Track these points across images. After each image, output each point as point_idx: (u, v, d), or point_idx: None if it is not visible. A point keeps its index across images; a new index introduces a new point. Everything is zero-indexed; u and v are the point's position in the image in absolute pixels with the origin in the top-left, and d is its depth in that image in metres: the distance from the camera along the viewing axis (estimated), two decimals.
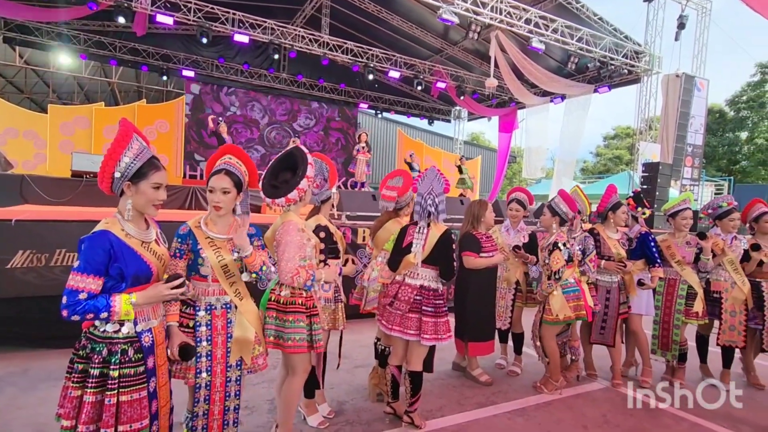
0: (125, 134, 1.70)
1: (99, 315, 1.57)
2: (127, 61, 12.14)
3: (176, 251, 1.96)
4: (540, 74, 10.84)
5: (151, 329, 1.73)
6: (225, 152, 2.12)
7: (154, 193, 1.73)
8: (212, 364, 1.99)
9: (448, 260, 2.75)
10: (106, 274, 1.62)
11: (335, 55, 11.33)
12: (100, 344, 1.63)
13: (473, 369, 3.61)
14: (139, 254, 1.69)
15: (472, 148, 20.30)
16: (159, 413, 1.75)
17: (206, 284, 2.00)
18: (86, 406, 1.58)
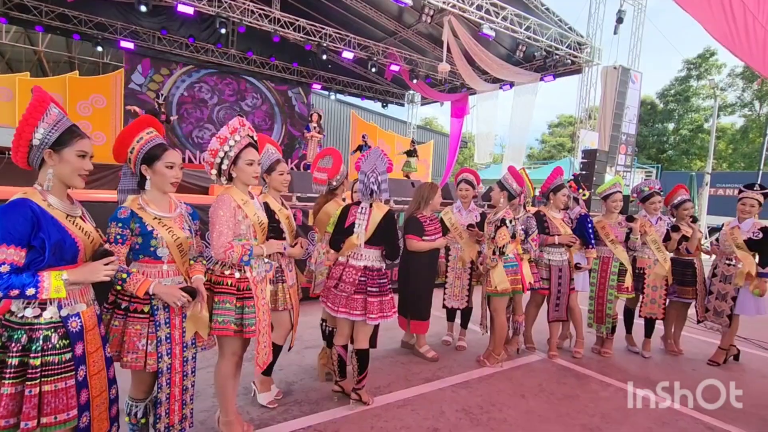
0: (41, 100, 1.58)
1: (25, 291, 1.45)
2: (56, 28, 11.06)
3: (117, 237, 1.83)
4: (490, 61, 11.09)
5: (79, 314, 1.63)
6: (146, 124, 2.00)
7: (79, 162, 1.62)
8: (172, 347, 1.93)
9: (392, 240, 2.80)
10: (28, 246, 1.50)
11: (287, 32, 10.96)
12: (19, 331, 1.52)
13: (421, 346, 3.73)
14: (64, 227, 1.58)
15: (426, 133, 20.53)
16: (91, 403, 1.65)
17: (160, 266, 1.92)
18: (4, 399, 1.47)
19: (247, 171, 2.19)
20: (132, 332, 1.86)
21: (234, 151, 2.15)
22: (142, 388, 2.01)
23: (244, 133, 2.17)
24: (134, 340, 1.85)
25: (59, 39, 13.46)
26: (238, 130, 2.16)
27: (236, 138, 2.16)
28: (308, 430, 2.54)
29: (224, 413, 2.32)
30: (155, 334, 1.88)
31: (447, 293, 4.01)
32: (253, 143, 2.22)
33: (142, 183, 1.97)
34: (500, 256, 3.39)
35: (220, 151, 2.16)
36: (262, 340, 2.22)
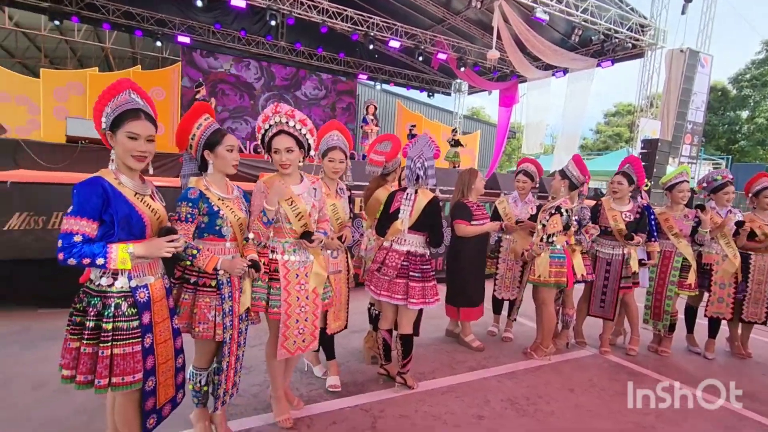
0: (114, 85, 1.70)
1: (95, 260, 1.56)
2: (121, 25, 11.76)
3: (187, 216, 1.95)
4: (543, 47, 10.63)
5: (147, 285, 1.74)
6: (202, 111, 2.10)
7: (130, 143, 1.69)
8: (233, 319, 2.05)
9: (436, 227, 2.78)
10: (100, 220, 1.63)
11: (334, 22, 11.04)
12: (95, 298, 1.65)
13: (466, 335, 3.70)
14: (132, 203, 1.69)
15: (472, 123, 20.10)
16: (157, 370, 1.77)
17: (223, 244, 2.03)
18: (83, 357, 1.62)
19: (274, 159, 2.22)
20: (202, 304, 1.99)
21: (266, 139, 2.21)
22: (206, 358, 2.14)
23: (273, 121, 2.18)
24: (205, 312, 1.99)
25: (123, 36, 14.31)
26: (269, 118, 2.19)
27: (265, 126, 2.20)
28: (355, 409, 2.59)
29: (272, 388, 2.42)
30: (221, 306, 2.00)
31: (497, 284, 3.94)
32: (287, 131, 2.18)
33: (203, 167, 2.08)
34: (547, 245, 3.28)
35: (258, 139, 2.25)
36: (292, 325, 2.25)
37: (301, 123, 2.20)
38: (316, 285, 2.31)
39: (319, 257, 2.35)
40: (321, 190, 2.40)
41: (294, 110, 2.21)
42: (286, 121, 2.17)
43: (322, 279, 2.34)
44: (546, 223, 3.30)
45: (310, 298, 2.30)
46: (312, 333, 2.33)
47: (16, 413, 2.35)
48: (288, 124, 2.17)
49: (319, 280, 2.32)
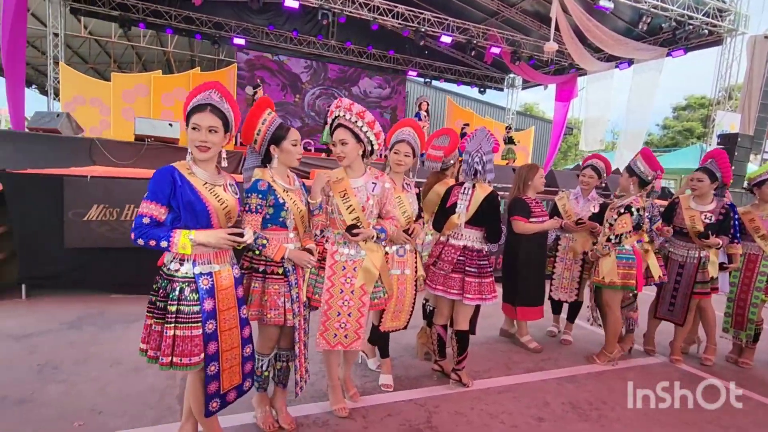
0: (200, 87, 1.81)
1: (159, 243, 1.65)
2: (182, 29, 12.47)
3: (256, 207, 2.00)
4: (606, 37, 10.06)
5: (211, 273, 1.78)
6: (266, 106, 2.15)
7: (193, 134, 1.77)
8: (299, 305, 2.10)
9: (494, 221, 2.69)
10: (168, 205, 1.71)
11: (385, 19, 11.06)
12: (165, 281, 1.74)
13: (522, 335, 3.56)
14: (198, 191, 1.75)
15: (525, 119, 19.46)
16: (221, 356, 1.81)
17: (286, 234, 2.08)
18: (153, 334, 1.72)
19: (335, 151, 2.26)
20: (272, 291, 2.05)
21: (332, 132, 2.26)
22: (268, 344, 2.18)
23: (335, 115, 2.24)
24: (275, 299, 2.05)
25: (183, 40, 15.14)
26: (332, 113, 2.26)
27: (329, 121, 2.28)
28: (409, 403, 2.56)
29: (328, 377, 2.44)
30: (289, 293, 2.06)
31: (554, 284, 3.76)
32: (344, 124, 2.20)
33: (266, 161, 2.13)
34: (615, 245, 3.08)
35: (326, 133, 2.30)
36: (332, 317, 2.24)
37: (358, 116, 2.19)
38: (365, 282, 2.27)
39: (373, 254, 2.29)
40: (383, 186, 2.34)
41: (353, 104, 2.22)
42: (343, 114, 2.20)
43: (373, 277, 2.28)
44: (614, 222, 3.10)
45: (356, 294, 2.26)
46: (356, 331, 2.29)
47: (96, 387, 2.52)
48: (344, 117, 2.19)
49: (368, 277, 2.27)
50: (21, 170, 3.97)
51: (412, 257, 2.69)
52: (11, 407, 2.28)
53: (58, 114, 7.03)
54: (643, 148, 3.30)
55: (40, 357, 2.85)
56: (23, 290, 3.95)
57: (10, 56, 8.71)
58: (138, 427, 2.17)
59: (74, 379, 2.60)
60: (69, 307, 3.81)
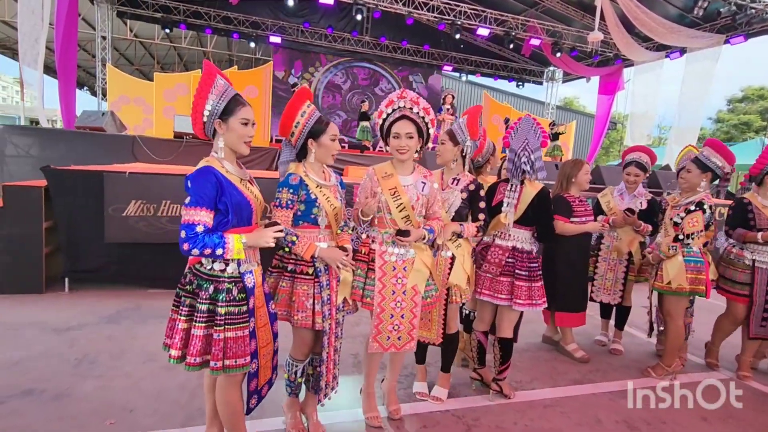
0: (208, 74, 1.70)
1: (215, 251, 1.58)
2: (221, 29, 12.72)
3: (287, 202, 1.92)
4: (656, 24, 9.44)
5: (252, 271, 1.74)
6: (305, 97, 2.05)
7: (243, 129, 1.71)
8: (331, 308, 2.01)
9: (546, 220, 2.50)
10: (215, 209, 1.63)
11: (420, 13, 10.84)
12: (207, 281, 1.66)
13: (568, 343, 3.31)
14: (240, 189, 1.69)
15: (565, 113, 18.72)
16: (258, 353, 1.77)
17: (317, 232, 1.99)
18: (194, 339, 1.63)
19: (391, 144, 2.15)
20: (300, 292, 1.94)
21: (386, 124, 2.15)
22: (303, 350, 2.08)
23: (398, 105, 2.12)
24: (303, 300, 1.94)
25: (222, 40, 15.50)
26: (393, 103, 2.14)
27: (388, 111, 2.15)
28: (446, 414, 2.40)
29: (365, 383, 2.33)
30: (320, 294, 1.96)
31: (596, 285, 3.49)
32: (410, 116, 2.11)
33: (301, 155, 2.03)
34: (683, 245, 2.79)
35: (378, 124, 2.19)
36: (385, 319, 2.12)
37: (424, 111, 2.13)
38: (417, 282, 2.16)
39: (422, 252, 2.19)
40: (432, 185, 2.23)
41: (419, 97, 2.14)
42: (410, 107, 2.10)
43: (424, 276, 2.18)
44: (680, 220, 2.82)
45: (408, 295, 2.15)
46: (409, 332, 2.18)
47: (130, 383, 2.51)
48: (412, 110, 2.10)
49: (420, 277, 2.17)
50: (65, 167, 4.08)
51: (447, 262, 2.40)
52: (48, 401, 2.29)
53: (103, 113, 7.28)
54: (709, 139, 3.00)
55: (79, 351, 2.88)
56: (66, 283, 4.06)
57: (62, 59, 9.13)
58: (167, 428, 2.12)
59: (110, 374, 2.60)
60: (108, 300, 3.87)
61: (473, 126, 2.43)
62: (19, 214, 3.81)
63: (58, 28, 8.86)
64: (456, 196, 2.43)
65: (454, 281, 2.37)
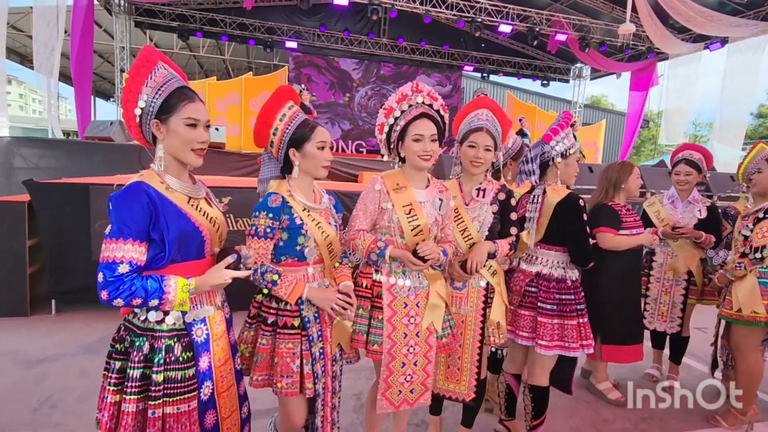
0: (144, 59, 1.28)
1: (148, 302, 1.18)
2: (237, 36, 12.59)
3: (266, 230, 1.50)
4: (693, 13, 8.71)
5: (205, 319, 1.33)
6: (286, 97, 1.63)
7: (189, 132, 1.28)
8: (325, 363, 1.59)
9: (576, 234, 1.98)
10: (148, 239, 1.22)
11: (438, 11, 10.40)
12: (141, 338, 1.26)
13: (600, 381, 2.77)
14: (186, 212, 1.28)
15: (594, 112, 17.88)
16: (221, 426, 1.36)
17: (305, 269, 1.58)
18: (125, 417, 1.23)
19: (412, 149, 1.68)
20: (284, 352, 1.52)
21: (400, 124, 1.70)
22: (293, 420, 1.62)
23: (415, 101, 1.69)
24: (287, 362, 1.52)
25: (240, 48, 15.44)
26: (408, 98, 1.69)
27: (404, 107, 1.70)
28: None
29: None
30: (309, 351, 1.53)
31: (648, 310, 2.95)
32: (430, 114, 1.69)
33: (287, 169, 1.62)
34: (754, 263, 2.25)
35: (385, 125, 1.73)
36: (396, 369, 1.69)
37: (443, 109, 1.73)
38: (433, 320, 1.72)
39: (436, 282, 1.76)
40: (449, 203, 1.80)
41: (434, 92, 1.72)
42: (430, 103, 1.69)
43: (441, 312, 1.74)
44: (749, 233, 2.27)
45: (422, 336, 1.72)
46: (423, 382, 1.75)
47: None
48: (432, 107, 1.70)
49: (436, 314, 1.73)
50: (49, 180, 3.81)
51: (480, 294, 1.93)
52: None
53: (111, 122, 7.12)
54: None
55: (45, 390, 2.55)
56: (53, 305, 3.77)
57: (78, 69, 9.10)
58: None
59: (68, 423, 2.25)
60: (95, 324, 3.56)
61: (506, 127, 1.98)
62: (1, 230, 3.55)
63: (74, 39, 8.84)
64: (487, 211, 1.93)
65: (496, 318, 1.91)
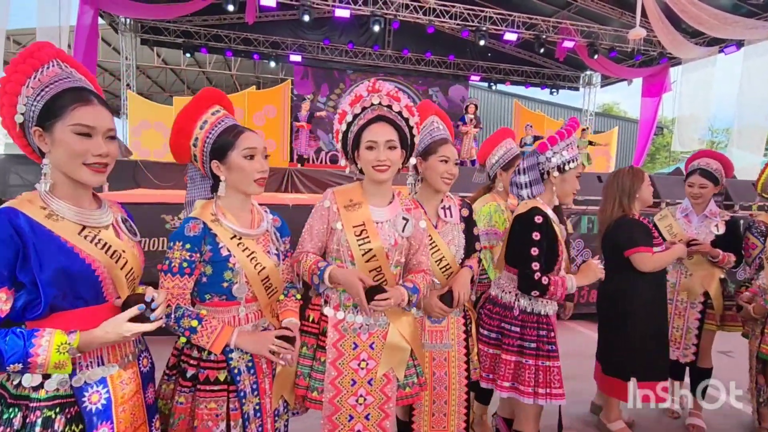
0: (30, 52, 1.05)
1: (6, 364, 0.93)
2: (241, 51, 12.64)
3: (182, 265, 1.25)
4: (707, 16, 8.37)
5: (105, 381, 1.07)
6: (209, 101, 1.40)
7: (82, 144, 1.03)
8: (263, 421, 1.32)
9: (519, 257, 1.72)
10: (14, 283, 0.97)
11: (442, 21, 10.24)
12: (12, 408, 1.00)
13: (611, 420, 2.44)
14: (71, 246, 1.03)
15: (606, 120, 17.48)
16: None
17: (235, 309, 1.32)
18: None
19: (366, 158, 1.44)
20: (205, 414, 1.25)
21: (353, 130, 1.46)
22: None
23: (370, 102, 1.44)
24: (209, 426, 1.25)
25: (248, 62, 15.51)
26: (362, 99, 1.45)
27: (357, 110, 1.45)
28: None
29: None
30: (240, 410, 1.26)
31: None
32: (389, 117, 1.44)
33: (217, 187, 1.36)
34: None
35: (340, 132, 1.50)
36: (342, 423, 1.42)
37: (408, 111, 1.46)
38: (392, 366, 1.45)
39: (400, 320, 1.49)
40: (418, 224, 1.54)
41: (399, 91, 1.47)
42: (388, 103, 1.44)
43: (403, 356, 1.47)
44: None
45: (377, 385, 1.45)
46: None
47: None
48: (391, 109, 1.44)
49: (395, 358, 1.46)
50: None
51: (459, 324, 1.75)
52: None
53: None
54: None
55: None
56: None
57: None
58: None
59: None
60: None
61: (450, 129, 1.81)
62: None
63: (77, 58, 8.90)
64: (458, 232, 1.76)
65: None
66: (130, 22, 11.47)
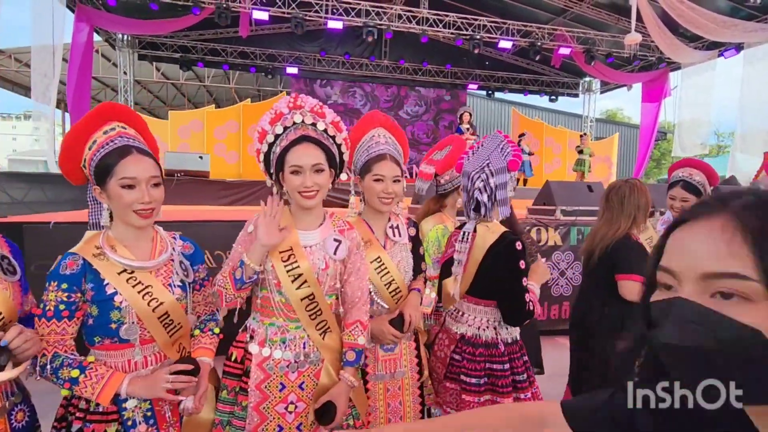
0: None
1: None
2: (238, 64, 12.69)
3: (57, 307, 1.12)
4: (704, 20, 8.23)
5: None
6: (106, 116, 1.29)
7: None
8: None
9: (509, 289, 1.54)
10: None
11: (436, 30, 10.19)
12: None
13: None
14: None
15: (607, 126, 17.28)
16: None
17: (129, 352, 1.19)
18: None
19: (291, 183, 1.31)
20: None
21: (276, 152, 1.33)
22: None
23: (292, 121, 1.31)
24: None
25: (248, 76, 15.60)
26: (283, 117, 1.32)
27: (276, 131, 1.32)
28: None
29: None
30: None
31: None
32: (314, 137, 1.31)
33: None
34: None
35: (261, 153, 1.38)
36: None
37: (334, 127, 1.35)
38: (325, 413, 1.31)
39: (335, 355, 1.38)
40: (347, 245, 1.40)
41: (323, 106, 1.35)
42: (312, 122, 1.31)
43: (342, 403, 1.32)
44: None
45: (306, 431, 1.32)
46: None
47: None
48: (316, 128, 1.32)
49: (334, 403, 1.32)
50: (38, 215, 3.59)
51: (411, 348, 1.65)
52: None
53: None
54: None
55: None
56: None
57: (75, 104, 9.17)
58: None
59: None
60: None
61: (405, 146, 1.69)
62: None
63: (71, 75, 8.93)
64: (407, 252, 1.65)
65: None
66: (127, 38, 11.57)
